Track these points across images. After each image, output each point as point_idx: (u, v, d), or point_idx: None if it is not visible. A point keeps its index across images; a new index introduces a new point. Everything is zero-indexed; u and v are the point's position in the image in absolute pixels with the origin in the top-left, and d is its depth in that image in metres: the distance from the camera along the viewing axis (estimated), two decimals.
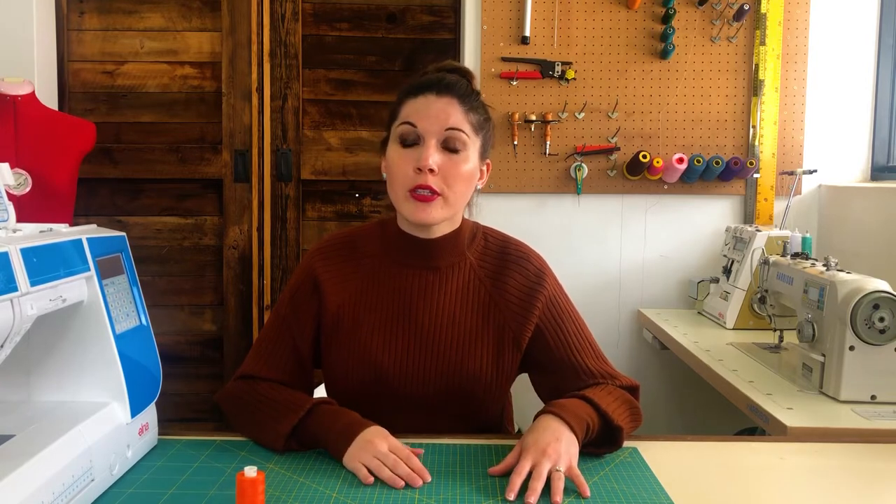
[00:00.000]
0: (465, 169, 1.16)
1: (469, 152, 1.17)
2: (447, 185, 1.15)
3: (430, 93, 1.16)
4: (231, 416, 1.20)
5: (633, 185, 2.46)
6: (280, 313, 1.25)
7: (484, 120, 1.20)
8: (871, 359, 1.41)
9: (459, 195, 1.17)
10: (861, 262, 2.18)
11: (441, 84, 1.17)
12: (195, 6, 2.52)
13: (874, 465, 1.10)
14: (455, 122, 1.15)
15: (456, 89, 1.17)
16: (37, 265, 0.86)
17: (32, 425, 0.92)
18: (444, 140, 1.15)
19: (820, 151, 2.47)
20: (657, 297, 2.51)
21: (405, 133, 1.16)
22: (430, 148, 1.13)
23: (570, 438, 1.04)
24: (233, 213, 2.55)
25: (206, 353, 2.61)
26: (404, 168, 1.15)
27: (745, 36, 2.43)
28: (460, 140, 1.15)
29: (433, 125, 1.14)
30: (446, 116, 1.15)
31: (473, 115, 1.18)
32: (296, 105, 2.54)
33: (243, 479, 0.84)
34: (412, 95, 1.17)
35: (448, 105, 1.15)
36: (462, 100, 1.17)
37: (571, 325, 1.24)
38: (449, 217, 1.19)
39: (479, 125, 1.19)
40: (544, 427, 1.05)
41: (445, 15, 2.56)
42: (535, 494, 0.94)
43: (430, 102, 1.15)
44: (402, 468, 1.00)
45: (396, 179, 1.16)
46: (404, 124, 1.16)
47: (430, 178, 1.13)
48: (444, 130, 1.14)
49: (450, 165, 1.15)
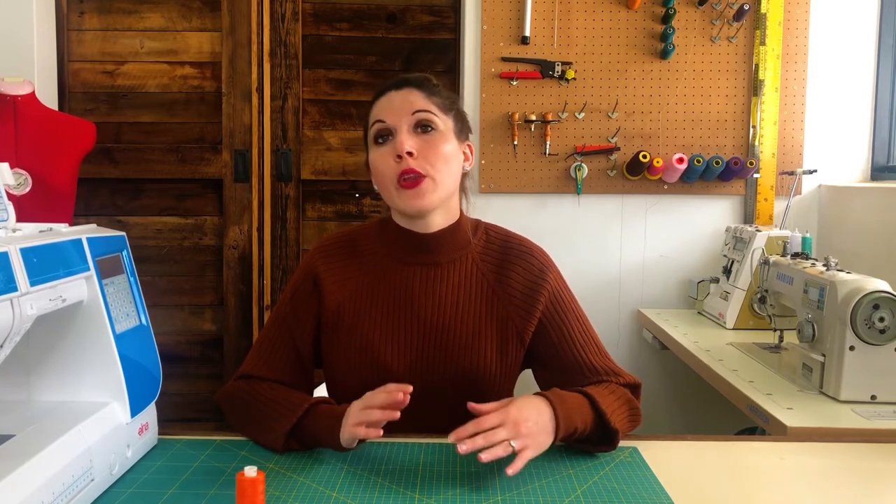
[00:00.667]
0: (444, 148, 1.19)
1: (443, 131, 1.20)
2: (430, 164, 1.17)
3: (391, 90, 1.22)
4: (231, 415, 1.20)
5: (633, 185, 2.46)
6: (280, 313, 1.25)
7: (451, 102, 1.24)
8: (871, 359, 1.41)
9: (446, 175, 1.19)
10: (861, 262, 2.18)
11: (399, 80, 1.23)
12: (195, 6, 2.52)
13: (874, 465, 1.10)
14: (419, 105, 1.19)
15: (413, 81, 1.22)
16: (37, 265, 0.86)
17: (32, 425, 0.92)
18: (415, 124, 1.19)
19: (820, 151, 2.47)
20: (657, 297, 2.51)
21: (378, 131, 1.20)
22: (402, 134, 1.17)
23: (547, 430, 1.03)
24: (233, 213, 2.55)
25: (206, 353, 2.61)
26: (385, 162, 1.18)
27: (745, 36, 2.43)
28: (429, 120, 1.19)
29: (400, 115, 1.18)
30: (409, 104, 1.19)
31: (436, 97, 1.22)
32: (296, 105, 2.54)
33: (243, 479, 0.84)
34: (376, 99, 1.23)
35: (409, 94, 1.20)
36: (421, 87, 1.21)
37: (575, 321, 1.24)
38: (443, 200, 1.20)
39: (446, 106, 1.22)
40: (534, 406, 1.04)
41: (445, 15, 2.56)
42: (470, 446, 0.95)
43: (393, 97, 1.21)
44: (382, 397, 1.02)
45: (383, 176, 1.19)
46: (375, 123, 1.20)
47: (411, 161, 1.16)
48: (412, 115, 1.18)
49: (426, 146, 1.18)
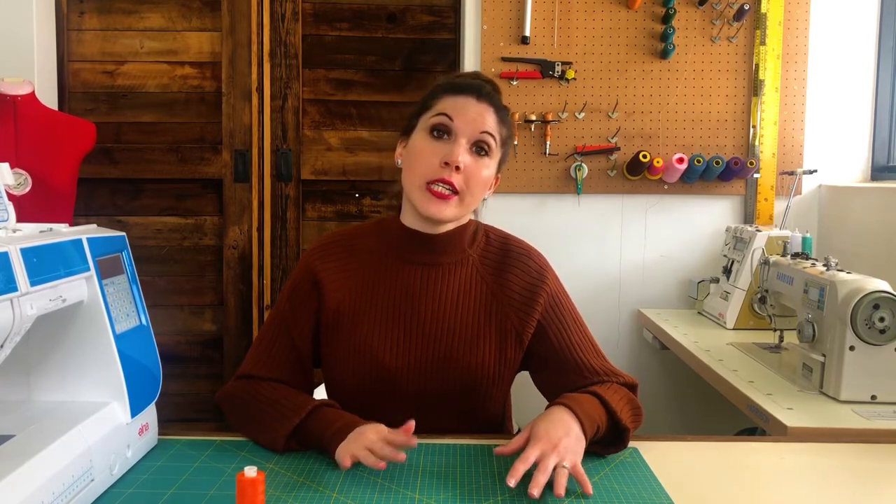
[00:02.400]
0: (486, 174, 1.19)
1: (492, 159, 1.20)
2: (467, 185, 1.16)
3: (471, 95, 1.19)
4: (231, 415, 1.20)
5: (633, 185, 2.46)
6: (279, 312, 1.25)
7: (508, 136, 1.24)
8: (872, 359, 1.41)
9: (475, 198, 1.20)
10: (861, 262, 2.18)
11: (482, 91, 1.20)
12: (195, 6, 2.52)
13: (874, 465, 1.10)
14: (489, 128, 1.18)
15: (494, 99, 1.21)
16: (37, 265, 0.86)
17: (32, 425, 0.92)
18: (475, 143, 1.17)
19: (820, 151, 2.47)
20: (657, 297, 2.51)
21: (440, 123, 1.17)
22: (461, 146, 1.16)
23: (579, 436, 1.04)
24: (233, 213, 2.55)
25: (206, 353, 2.61)
26: (430, 159, 1.16)
27: (746, 36, 2.43)
28: (489, 145, 1.18)
29: (469, 125, 1.17)
30: (483, 120, 1.17)
31: (503, 127, 1.21)
32: (296, 105, 2.54)
33: (243, 479, 0.84)
34: (451, 93, 1.20)
35: (486, 111, 1.19)
36: (497, 110, 1.20)
37: (573, 323, 1.25)
38: (459, 217, 1.20)
39: (504, 138, 1.22)
40: (557, 419, 1.05)
41: (445, 15, 2.56)
42: (539, 487, 0.94)
43: (470, 104, 1.18)
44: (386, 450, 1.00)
45: (418, 169, 1.17)
46: (441, 115, 1.17)
47: (455, 175, 1.15)
48: (479, 133, 1.17)
49: (474, 167, 1.17)
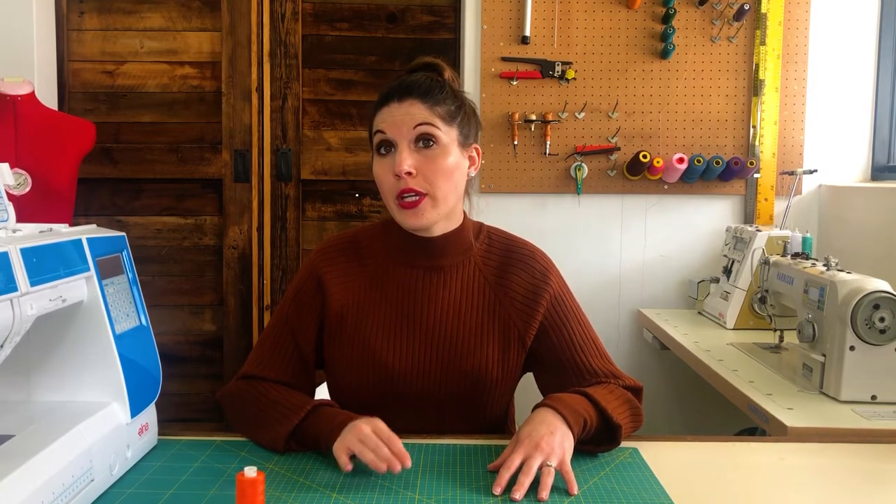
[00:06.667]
0: (445, 163, 1.17)
1: (445, 144, 1.17)
2: (429, 182, 1.15)
3: (393, 100, 1.18)
4: (232, 415, 1.20)
5: (634, 185, 2.46)
6: (283, 313, 1.25)
7: (456, 108, 1.20)
8: (872, 359, 1.41)
9: (446, 191, 1.17)
10: (861, 262, 2.18)
11: (401, 88, 1.18)
12: (195, 6, 2.52)
13: (874, 465, 1.10)
14: (421, 119, 1.16)
15: (416, 89, 1.17)
16: (37, 265, 0.86)
17: (32, 425, 0.92)
18: (416, 139, 1.16)
19: (820, 151, 2.47)
20: (657, 297, 2.51)
21: (380, 141, 1.18)
22: (402, 153, 1.15)
23: (565, 433, 1.03)
24: (233, 212, 2.55)
25: (206, 353, 2.61)
26: (386, 177, 1.17)
27: (746, 36, 2.43)
28: (431, 134, 1.16)
29: (400, 129, 1.16)
30: (411, 118, 1.16)
31: (440, 107, 1.17)
32: (296, 105, 2.54)
33: (243, 479, 0.84)
34: (380, 106, 1.20)
35: (410, 107, 1.16)
36: (424, 98, 1.17)
37: (576, 325, 1.25)
38: (443, 215, 1.19)
39: (449, 115, 1.18)
40: (540, 420, 1.05)
41: (445, 15, 2.56)
42: (522, 489, 0.94)
43: (394, 109, 1.17)
44: (384, 451, 0.99)
45: (383, 188, 1.19)
46: (377, 133, 1.19)
47: (410, 181, 1.15)
48: (413, 129, 1.15)
49: (426, 163, 1.15)
